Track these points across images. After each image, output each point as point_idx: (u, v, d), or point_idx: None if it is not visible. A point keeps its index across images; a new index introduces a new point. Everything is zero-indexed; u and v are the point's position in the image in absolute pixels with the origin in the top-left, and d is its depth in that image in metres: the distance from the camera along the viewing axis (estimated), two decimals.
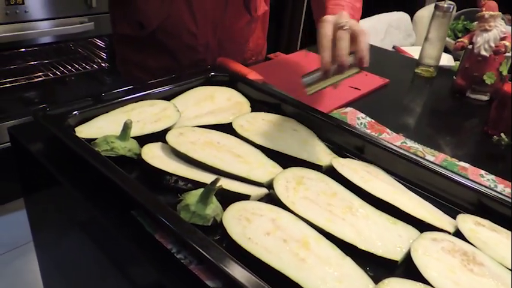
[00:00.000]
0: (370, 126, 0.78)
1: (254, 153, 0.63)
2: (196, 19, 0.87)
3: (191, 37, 0.89)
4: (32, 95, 1.87)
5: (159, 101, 0.70)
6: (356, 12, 0.75)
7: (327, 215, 0.52)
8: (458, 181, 0.60)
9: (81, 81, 1.98)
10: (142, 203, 0.46)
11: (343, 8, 0.73)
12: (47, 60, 1.84)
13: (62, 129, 0.56)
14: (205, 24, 0.89)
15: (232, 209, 0.50)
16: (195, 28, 0.88)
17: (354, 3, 0.77)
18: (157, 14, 0.86)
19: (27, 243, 1.56)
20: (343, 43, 0.60)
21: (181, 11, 0.86)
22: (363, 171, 0.62)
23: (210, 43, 0.92)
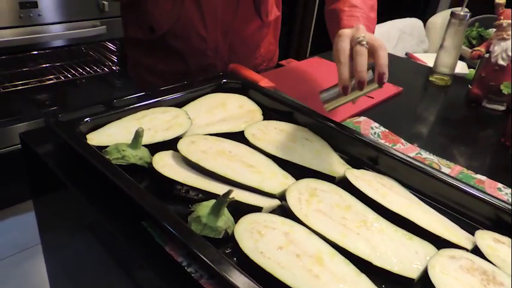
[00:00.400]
0: (384, 136, 0.77)
1: (266, 163, 0.61)
2: (206, 22, 0.87)
3: (200, 40, 0.89)
4: (43, 97, 1.88)
5: (171, 108, 0.69)
6: (371, 23, 0.74)
7: (341, 229, 0.51)
8: (476, 195, 0.59)
9: (92, 84, 1.99)
10: (153, 214, 0.45)
11: (358, 19, 0.71)
12: (58, 63, 1.85)
13: (73, 136, 0.55)
14: (215, 27, 0.88)
15: (244, 221, 0.49)
16: (205, 31, 0.88)
17: (368, 13, 0.76)
18: (167, 17, 0.86)
19: (36, 245, 1.57)
20: (361, 59, 0.59)
21: (191, 13, 0.85)
22: (378, 183, 0.61)
23: (220, 47, 0.92)
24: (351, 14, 0.73)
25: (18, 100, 1.76)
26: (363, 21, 0.72)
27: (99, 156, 0.53)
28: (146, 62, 0.95)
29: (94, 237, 0.57)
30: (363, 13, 0.74)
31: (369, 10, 0.76)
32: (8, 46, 1.42)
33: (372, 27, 0.74)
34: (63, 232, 0.68)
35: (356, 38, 0.60)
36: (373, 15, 0.77)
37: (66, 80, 1.80)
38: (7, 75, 1.70)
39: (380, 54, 0.59)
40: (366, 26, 0.70)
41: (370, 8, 0.77)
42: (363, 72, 0.58)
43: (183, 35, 0.88)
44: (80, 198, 0.54)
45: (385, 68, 0.59)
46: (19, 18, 1.42)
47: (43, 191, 0.68)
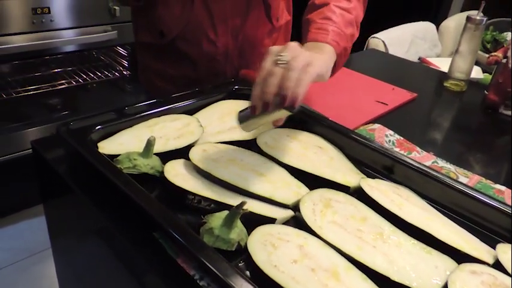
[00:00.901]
0: (399, 144, 0.75)
1: (278, 172, 0.60)
2: (216, 26, 0.86)
3: (210, 45, 0.88)
4: (55, 102, 1.90)
5: (182, 116, 0.68)
6: (343, 40, 0.67)
7: (357, 242, 0.50)
8: (495, 206, 0.57)
9: (103, 89, 2.00)
10: (164, 226, 0.44)
11: (326, 34, 0.66)
12: (70, 68, 1.87)
13: (84, 145, 0.55)
14: (225, 31, 0.88)
15: (258, 233, 0.48)
16: (214, 35, 0.87)
17: (343, 28, 0.68)
18: (177, 22, 0.86)
19: (47, 249, 1.57)
20: (271, 80, 0.53)
21: (200, 17, 0.85)
22: (394, 193, 0.59)
23: (230, 52, 0.91)
24: (321, 27, 0.67)
25: (30, 105, 1.77)
26: (332, 36, 0.66)
27: (111, 165, 0.52)
28: (156, 66, 0.94)
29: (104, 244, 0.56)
30: (335, 27, 0.67)
31: (345, 25, 0.69)
32: (20, 52, 1.44)
33: (342, 44, 0.67)
34: (73, 237, 0.67)
35: (277, 56, 0.54)
36: (350, 30, 0.70)
37: (77, 84, 1.81)
38: (19, 80, 1.71)
39: (287, 76, 0.52)
40: (334, 42, 0.65)
41: (347, 23, 0.70)
42: (267, 94, 0.52)
43: (192, 40, 0.88)
44: (91, 208, 0.53)
45: (289, 91, 0.52)
46: (32, 24, 1.43)
47: (53, 197, 0.68)
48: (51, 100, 1.87)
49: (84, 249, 0.65)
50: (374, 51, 1.45)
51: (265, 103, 0.54)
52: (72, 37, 1.57)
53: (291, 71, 0.52)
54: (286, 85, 0.52)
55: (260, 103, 0.54)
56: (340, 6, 0.71)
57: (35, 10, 1.41)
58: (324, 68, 0.60)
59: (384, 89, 0.99)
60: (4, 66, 1.70)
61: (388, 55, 1.49)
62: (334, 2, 0.71)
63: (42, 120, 1.70)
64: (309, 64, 0.54)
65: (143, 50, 0.97)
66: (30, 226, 1.68)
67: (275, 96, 0.53)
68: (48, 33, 1.50)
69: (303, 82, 0.53)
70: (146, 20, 0.90)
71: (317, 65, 0.56)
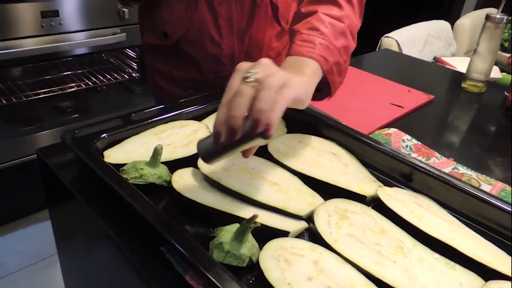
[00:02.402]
0: (417, 150, 0.72)
1: (291, 181, 0.58)
2: (220, 28, 0.84)
3: (215, 47, 0.86)
4: (65, 105, 1.90)
5: (190, 122, 0.66)
6: (333, 54, 0.59)
7: (376, 257, 0.47)
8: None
9: (113, 91, 2.00)
10: (171, 240, 0.42)
11: (313, 47, 0.57)
12: (80, 71, 1.87)
13: (89, 154, 0.53)
14: (231, 33, 0.85)
15: (270, 247, 0.45)
16: (219, 37, 0.85)
17: (332, 40, 0.59)
18: (181, 23, 0.84)
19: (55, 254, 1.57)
20: (238, 101, 0.44)
21: (204, 18, 0.83)
22: (413, 203, 0.56)
23: (237, 55, 0.88)
24: (306, 39, 0.58)
25: (40, 108, 1.77)
26: (320, 50, 0.57)
27: (116, 176, 0.50)
28: (162, 68, 0.93)
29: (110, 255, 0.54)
30: (323, 40, 0.58)
31: (335, 36, 0.60)
32: (29, 55, 1.43)
33: (332, 60, 0.58)
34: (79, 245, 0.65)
35: (246, 74, 0.45)
36: (342, 42, 0.61)
37: (87, 87, 1.80)
38: (30, 84, 1.71)
39: (259, 96, 0.43)
40: (320, 57, 0.57)
41: (338, 34, 0.60)
42: (234, 118, 0.43)
43: (196, 41, 0.86)
44: (97, 219, 0.51)
45: (262, 114, 0.43)
46: (41, 28, 1.43)
47: (58, 205, 0.66)
48: (62, 103, 1.87)
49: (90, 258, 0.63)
50: (387, 52, 1.42)
51: (231, 129, 0.44)
52: (81, 40, 1.56)
53: (264, 90, 0.44)
54: (258, 107, 0.43)
55: (225, 129, 0.45)
56: (329, 15, 0.61)
57: (43, 14, 1.41)
58: (302, 92, 0.50)
59: (399, 91, 0.96)
60: (14, 70, 1.70)
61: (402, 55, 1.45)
62: (323, 10, 0.61)
63: (53, 124, 1.70)
64: (284, 85, 0.46)
65: (149, 51, 0.95)
66: (42, 229, 1.68)
67: (244, 121, 0.44)
68: (58, 36, 1.50)
69: (278, 106, 0.44)
70: (151, 20, 0.89)
71: (294, 87, 0.47)
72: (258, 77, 0.45)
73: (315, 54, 0.57)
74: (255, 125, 0.44)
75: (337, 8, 0.62)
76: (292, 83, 0.47)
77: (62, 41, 1.50)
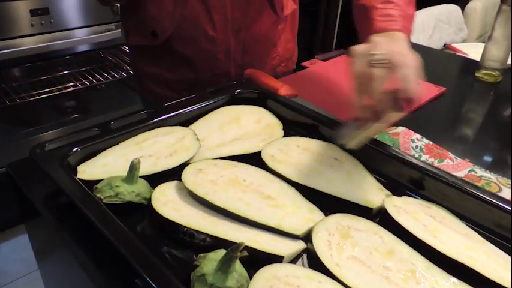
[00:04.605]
0: (428, 150, 0.65)
1: (288, 194, 0.51)
2: (214, 21, 0.77)
3: (210, 42, 0.79)
4: (65, 105, 1.86)
5: (177, 128, 0.60)
6: (409, 22, 0.61)
7: (384, 285, 0.40)
8: None
9: (113, 89, 1.95)
10: (145, 276, 0.37)
11: (395, 20, 0.59)
12: (77, 70, 1.82)
13: (58, 171, 0.47)
14: (225, 26, 0.79)
15: (261, 277, 0.40)
16: (214, 31, 0.78)
17: (406, 10, 0.61)
18: (170, 19, 0.77)
19: None
20: (375, 84, 0.47)
21: (196, 12, 0.76)
22: (426, 215, 0.50)
23: (232, 49, 0.82)
24: (386, 13, 0.60)
25: (40, 109, 1.73)
26: (401, 22, 0.59)
27: (86, 196, 0.44)
28: (151, 71, 0.86)
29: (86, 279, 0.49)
30: (399, 10, 0.60)
31: (406, 4, 0.62)
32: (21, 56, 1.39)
33: (410, 28, 0.61)
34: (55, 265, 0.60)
35: (370, 56, 0.48)
36: (412, 10, 0.63)
37: (86, 86, 1.76)
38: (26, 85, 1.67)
39: (401, 74, 0.47)
40: (404, 28, 0.58)
41: (408, 2, 0.62)
42: (379, 102, 0.47)
43: (189, 38, 0.79)
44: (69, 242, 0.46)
45: (408, 92, 0.47)
46: (30, 26, 1.37)
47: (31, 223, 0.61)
48: (61, 103, 1.83)
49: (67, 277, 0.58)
50: None
51: (375, 112, 0.48)
52: (75, 38, 1.51)
53: (403, 67, 0.47)
54: (402, 85, 0.47)
55: (369, 114, 0.49)
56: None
57: (33, 12, 1.35)
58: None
59: None
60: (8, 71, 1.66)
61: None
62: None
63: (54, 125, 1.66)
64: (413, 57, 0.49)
65: (136, 54, 0.88)
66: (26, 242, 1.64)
67: (388, 102, 0.47)
68: (49, 35, 1.44)
69: (417, 78, 0.47)
70: (136, 20, 0.81)
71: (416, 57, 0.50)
72: (385, 57, 0.48)
73: (399, 26, 0.58)
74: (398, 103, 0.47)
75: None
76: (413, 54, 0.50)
77: (54, 40, 1.44)
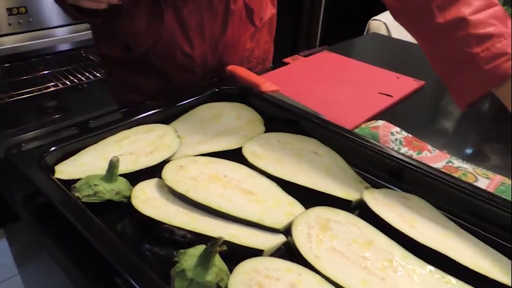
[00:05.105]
0: (407, 143, 0.66)
1: (268, 188, 0.52)
2: (191, 39, 0.76)
3: (186, 58, 0.78)
4: (46, 105, 1.83)
5: (157, 126, 0.60)
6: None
7: (362, 275, 0.41)
8: None
9: (95, 88, 1.92)
10: (123, 273, 0.36)
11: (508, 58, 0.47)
12: (58, 69, 1.79)
13: (36, 171, 0.47)
14: (202, 43, 0.77)
15: (241, 271, 0.40)
16: (190, 49, 0.76)
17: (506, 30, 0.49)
18: (145, 37, 0.74)
19: None
20: None
21: (173, 32, 0.74)
22: (403, 206, 0.51)
23: (209, 63, 0.80)
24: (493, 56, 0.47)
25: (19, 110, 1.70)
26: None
27: (64, 195, 0.44)
28: (125, 79, 0.83)
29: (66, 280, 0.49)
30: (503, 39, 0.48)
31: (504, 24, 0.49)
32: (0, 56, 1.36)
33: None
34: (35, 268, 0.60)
35: None
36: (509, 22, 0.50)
37: (67, 86, 1.73)
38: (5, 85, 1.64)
39: None
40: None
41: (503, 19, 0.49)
42: None
43: (166, 54, 0.77)
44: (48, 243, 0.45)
45: None
46: (8, 26, 1.35)
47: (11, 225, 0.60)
48: (42, 103, 1.80)
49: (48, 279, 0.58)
50: (375, 36, 1.35)
51: None
52: (54, 37, 1.49)
53: None
54: None
55: None
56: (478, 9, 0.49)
57: (10, 10, 1.33)
58: None
59: (387, 78, 0.89)
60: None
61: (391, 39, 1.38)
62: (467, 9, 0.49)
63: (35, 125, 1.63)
64: None
65: (109, 62, 0.85)
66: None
67: None
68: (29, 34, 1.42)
69: None
70: (109, 31, 0.77)
71: None
72: None
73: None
74: None
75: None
76: None
77: (33, 39, 1.42)
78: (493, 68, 0.48)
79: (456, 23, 0.49)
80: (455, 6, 0.50)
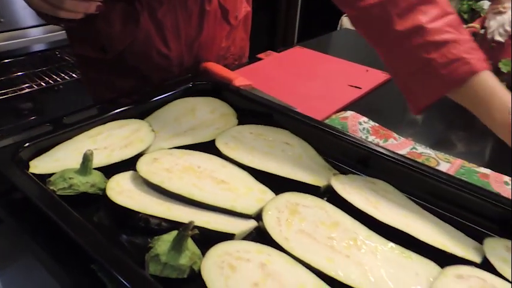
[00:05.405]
0: (374, 132, 0.69)
1: (240, 177, 0.54)
2: (167, 40, 0.77)
3: (163, 58, 0.79)
4: (21, 107, 1.80)
5: (131, 121, 0.61)
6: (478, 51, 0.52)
7: (328, 253, 0.44)
8: (480, 195, 0.51)
9: (72, 90, 1.90)
10: (99, 258, 0.38)
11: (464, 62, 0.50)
12: (33, 70, 1.76)
13: (9, 165, 0.47)
14: (178, 44, 0.78)
15: (213, 254, 0.42)
16: (167, 50, 0.78)
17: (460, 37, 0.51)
18: (120, 38, 0.75)
19: None
20: None
21: (149, 33, 0.75)
22: (369, 190, 0.53)
23: (185, 62, 0.82)
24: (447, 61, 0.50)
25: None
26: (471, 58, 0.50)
27: (39, 188, 0.45)
28: (102, 78, 0.83)
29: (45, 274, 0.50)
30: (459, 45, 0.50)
31: (459, 31, 0.52)
32: None
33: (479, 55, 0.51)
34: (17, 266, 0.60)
35: None
36: (465, 31, 0.53)
37: (43, 87, 1.71)
38: None
39: None
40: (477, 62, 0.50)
41: (458, 26, 0.52)
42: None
43: (142, 54, 0.77)
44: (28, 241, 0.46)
45: None
46: None
47: None
48: (16, 105, 1.77)
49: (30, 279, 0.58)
50: (347, 31, 1.38)
51: None
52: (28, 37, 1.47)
53: None
54: None
55: None
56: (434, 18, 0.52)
57: None
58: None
59: (357, 71, 0.93)
60: None
61: None
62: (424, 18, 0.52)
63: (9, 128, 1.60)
64: None
65: (84, 63, 0.85)
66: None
67: None
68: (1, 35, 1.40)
69: None
70: (84, 33, 0.78)
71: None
72: None
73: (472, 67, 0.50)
74: None
75: (431, 4, 0.52)
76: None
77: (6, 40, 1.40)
78: (450, 73, 0.51)
79: (414, 31, 0.52)
80: (413, 14, 0.52)
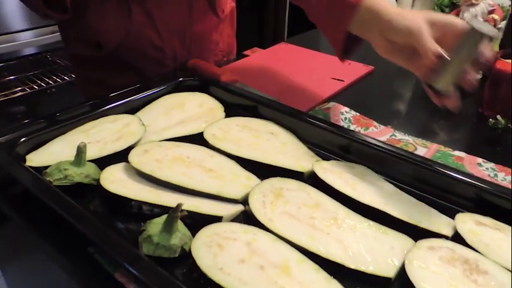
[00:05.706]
0: (356, 121, 0.72)
1: (227, 166, 0.57)
2: (160, 32, 0.80)
3: (157, 51, 0.82)
4: (14, 111, 1.81)
5: (122, 116, 0.64)
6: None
7: (310, 231, 0.47)
8: (453, 176, 0.55)
9: (64, 92, 1.91)
10: (95, 240, 0.41)
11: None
12: (25, 74, 1.78)
13: (7, 159, 0.50)
14: (171, 35, 0.82)
15: (202, 234, 0.45)
16: (160, 41, 0.81)
17: None
18: (114, 32, 0.78)
19: None
20: None
21: (141, 25, 0.78)
22: (349, 174, 0.57)
23: (178, 54, 0.85)
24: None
25: None
26: None
27: (36, 178, 0.48)
28: (96, 77, 0.86)
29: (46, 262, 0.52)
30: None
31: None
32: None
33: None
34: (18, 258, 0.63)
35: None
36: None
37: (36, 90, 1.72)
38: None
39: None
40: None
41: None
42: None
43: (136, 48, 0.81)
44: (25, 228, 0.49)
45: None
46: None
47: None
48: (9, 109, 1.79)
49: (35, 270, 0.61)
50: None
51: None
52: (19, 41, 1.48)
53: None
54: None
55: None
56: None
57: None
58: None
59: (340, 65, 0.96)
60: None
61: None
62: None
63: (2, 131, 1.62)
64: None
65: (79, 61, 0.87)
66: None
67: None
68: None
69: None
70: (78, 30, 0.80)
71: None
72: None
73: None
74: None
75: None
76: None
77: None
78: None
79: None
80: None
